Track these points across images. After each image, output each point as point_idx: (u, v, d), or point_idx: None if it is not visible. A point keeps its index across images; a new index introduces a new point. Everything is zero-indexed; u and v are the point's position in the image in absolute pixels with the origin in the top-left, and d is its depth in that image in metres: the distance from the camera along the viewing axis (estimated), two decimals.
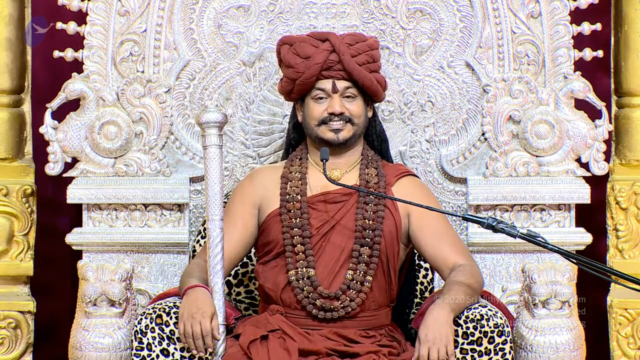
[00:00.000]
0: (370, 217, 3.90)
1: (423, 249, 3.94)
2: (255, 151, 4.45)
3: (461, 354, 3.67)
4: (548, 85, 4.35)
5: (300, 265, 3.86)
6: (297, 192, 3.94)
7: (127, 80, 4.38)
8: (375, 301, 3.90)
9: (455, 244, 3.93)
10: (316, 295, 3.84)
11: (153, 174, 4.39)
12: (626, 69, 4.49)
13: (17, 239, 4.52)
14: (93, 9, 4.37)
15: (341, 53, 3.92)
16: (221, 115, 3.76)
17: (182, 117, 4.43)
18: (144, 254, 4.40)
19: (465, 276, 3.80)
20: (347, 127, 3.95)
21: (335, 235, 3.89)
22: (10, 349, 4.52)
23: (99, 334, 3.78)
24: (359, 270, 3.86)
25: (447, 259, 3.89)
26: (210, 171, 3.75)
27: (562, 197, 4.34)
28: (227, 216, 3.91)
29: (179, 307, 3.71)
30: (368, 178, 3.97)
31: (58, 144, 4.37)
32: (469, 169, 4.41)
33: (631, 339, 4.48)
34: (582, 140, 4.35)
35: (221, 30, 4.43)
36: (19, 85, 4.57)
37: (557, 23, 4.34)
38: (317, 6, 4.43)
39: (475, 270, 3.86)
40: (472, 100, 4.41)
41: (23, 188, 4.52)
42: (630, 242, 4.49)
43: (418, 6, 4.40)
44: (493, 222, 3.53)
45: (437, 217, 3.94)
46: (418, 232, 3.94)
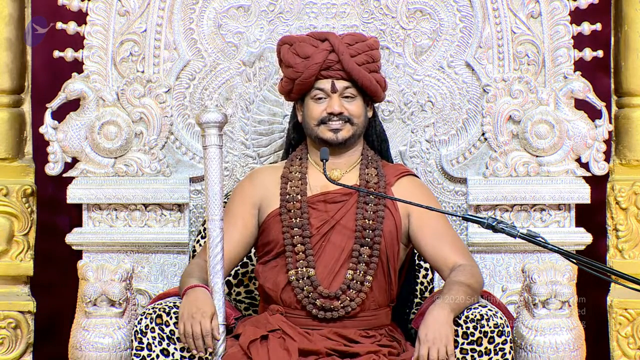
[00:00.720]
0: (370, 216, 3.90)
1: (423, 249, 3.93)
2: (255, 151, 4.45)
3: (461, 353, 3.67)
4: (548, 85, 4.35)
5: (300, 265, 3.86)
6: (297, 192, 3.94)
7: (127, 80, 4.38)
8: (375, 301, 3.90)
9: (455, 244, 3.93)
10: (316, 295, 3.84)
11: (153, 174, 4.39)
12: (626, 69, 4.49)
13: (17, 239, 4.52)
14: (93, 9, 4.37)
15: (340, 53, 3.92)
16: (221, 115, 3.76)
17: (182, 117, 4.43)
18: (144, 254, 4.40)
19: (465, 276, 3.80)
20: (346, 127, 3.95)
21: (335, 235, 3.89)
22: (10, 349, 4.52)
23: (99, 334, 3.78)
24: (359, 270, 3.86)
25: (447, 259, 3.89)
26: (210, 171, 3.75)
27: (562, 197, 4.34)
28: (227, 216, 3.90)
29: (179, 307, 3.71)
30: (368, 178, 3.96)
31: (58, 144, 4.37)
32: (469, 169, 4.41)
33: (631, 339, 4.48)
34: (582, 140, 4.35)
35: (221, 30, 4.43)
36: (19, 85, 4.57)
37: (557, 23, 4.34)
38: (317, 6, 4.43)
39: (475, 270, 3.86)
40: (472, 100, 4.41)
41: (23, 188, 4.52)
42: (630, 242, 4.49)
43: (418, 6, 4.40)
44: (493, 222, 3.53)
45: (437, 217, 3.94)
46: (418, 232, 3.94)
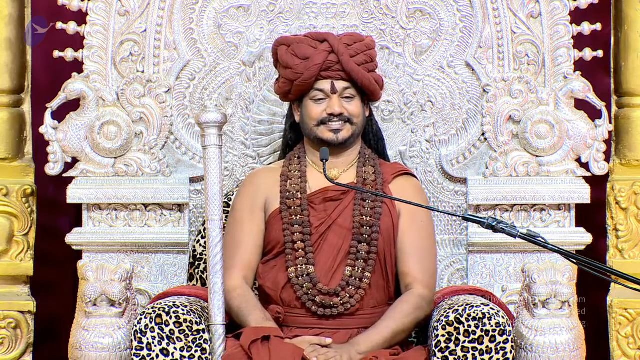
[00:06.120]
0: (368, 213, 3.90)
1: (396, 252, 3.94)
2: (255, 151, 4.45)
3: (462, 352, 3.67)
4: (548, 85, 4.35)
5: (300, 262, 3.87)
6: (297, 190, 3.95)
7: (127, 80, 4.38)
8: (374, 299, 3.90)
9: (423, 265, 3.92)
10: (316, 292, 3.84)
11: (153, 174, 4.39)
12: (626, 69, 4.49)
13: (17, 239, 4.52)
14: (93, 9, 4.37)
15: (340, 54, 3.92)
16: (221, 115, 3.77)
17: (182, 117, 4.43)
18: (144, 254, 4.40)
19: (403, 312, 3.82)
20: (346, 127, 3.96)
21: (332, 235, 3.90)
22: (10, 349, 4.51)
23: (99, 334, 3.78)
24: (357, 267, 3.87)
25: (407, 275, 3.91)
26: (210, 171, 3.76)
27: (562, 197, 4.34)
28: (242, 224, 3.91)
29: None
30: (365, 176, 3.97)
31: (58, 144, 4.37)
32: (469, 169, 4.41)
33: (631, 339, 4.48)
34: (582, 140, 4.35)
35: (221, 30, 4.43)
36: (19, 85, 4.57)
37: (557, 23, 4.34)
38: (317, 6, 4.43)
39: (421, 302, 3.86)
40: (472, 100, 4.41)
41: (23, 188, 4.52)
42: (630, 242, 4.49)
43: (418, 6, 4.40)
44: (493, 222, 3.53)
45: (422, 230, 3.94)
46: (399, 235, 3.94)
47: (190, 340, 3.73)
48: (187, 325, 3.73)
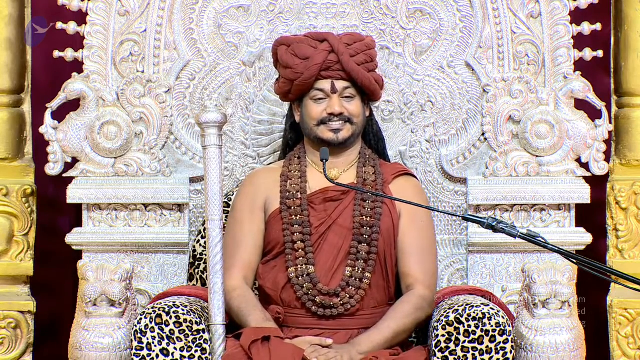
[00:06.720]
0: (368, 213, 3.91)
1: (396, 252, 3.94)
2: (255, 151, 4.45)
3: (462, 352, 3.67)
4: (548, 85, 4.35)
5: (300, 262, 3.87)
6: (297, 190, 3.95)
7: (127, 80, 4.38)
8: (374, 299, 3.90)
9: (424, 265, 3.92)
10: (316, 292, 3.84)
11: (153, 174, 4.39)
12: (626, 69, 4.49)
13: (17, 239, 4.52)
14: (93, 9, 4.37)
15: (340, 53, 3.93)
16: (221, 115, 3.77)
17: (182, 117, 4.43)
18: (144, 254, 4.40)
19: (404, 313, 3.82)
20: (346, 127, 3.96)
21: (332, 235, 3.90)
22: (10, 349, 4.51)
23: (99, 334, 3.78)
24: (357, 267, 3.87)
25: (408, 276, 3.91)
26: (210, 171, 3.76)
27: (562, 197, 4.34)
28: (242, 225, 3.91)
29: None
30: (365, 176, 3.97)
31: (58, 144, 4.37)
32: (469, 169, 4.41)
33: (631, 339, 4.48)
34: (582, 140, 4.35)
35: (221, 30, 4.43)
36: (19, 85, 4.57)
37: (557, 23, 4.34)
38: (317, 6, 4.43)
39: (422, 303, 3.86)
40: (472, 100, 4.41)
41: (23, 188, 4.52)
42: (630, 242, 4.49)
43: (418, 6, 4.40)
44: (493, 222, 3.53)
45: (422, 231, 3.94)
46: (400, 235, 3.94)
47: (190, 340, 3.73)
48: (187, 325, 3.73)
